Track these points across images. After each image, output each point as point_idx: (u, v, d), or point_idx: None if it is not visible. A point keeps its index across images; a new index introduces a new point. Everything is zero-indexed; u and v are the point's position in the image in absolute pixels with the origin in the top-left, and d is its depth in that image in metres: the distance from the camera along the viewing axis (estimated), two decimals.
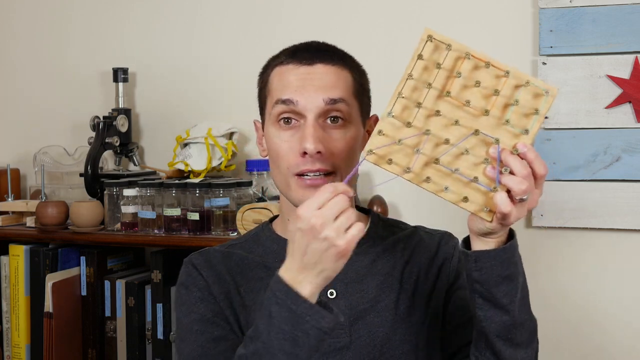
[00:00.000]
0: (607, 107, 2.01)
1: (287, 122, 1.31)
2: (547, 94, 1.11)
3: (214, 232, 2.06)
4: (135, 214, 2.15)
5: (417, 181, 1.12)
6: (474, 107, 1.11)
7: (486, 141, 1.11)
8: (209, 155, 2.18)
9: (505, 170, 1.09)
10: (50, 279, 2.16)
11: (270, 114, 1.33)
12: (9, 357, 2.28)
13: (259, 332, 1.14)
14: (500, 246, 1.16)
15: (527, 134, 1.11)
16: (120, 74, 2.36)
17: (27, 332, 2.25)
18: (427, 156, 1.12)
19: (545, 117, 1.12)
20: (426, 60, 1.13)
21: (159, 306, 2.11)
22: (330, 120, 1.30)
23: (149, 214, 2.13)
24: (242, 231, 2.00)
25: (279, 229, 1.41)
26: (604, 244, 2.05)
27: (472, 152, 1.11)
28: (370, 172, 2.16)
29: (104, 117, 2.31)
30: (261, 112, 1.39)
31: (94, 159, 2.26)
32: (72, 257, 2.24)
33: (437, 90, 1.12)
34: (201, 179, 2.15)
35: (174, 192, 2.11)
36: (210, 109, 2.36)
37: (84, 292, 2.21)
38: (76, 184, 2.35)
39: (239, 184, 2.10)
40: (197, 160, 2.20)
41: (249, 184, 2.13)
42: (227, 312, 1.33)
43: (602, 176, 2.02)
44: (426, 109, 1.12)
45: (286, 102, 1.29)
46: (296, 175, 1.29)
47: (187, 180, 2.14)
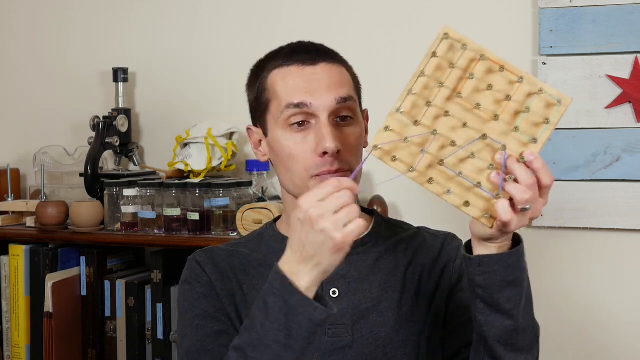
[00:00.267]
0: (607, 107, 2.01)
1: (300, 125, 1.30)
2: (560, 104, 1.09)
3: (214, 232, 2.06)
4: (135, 214, 2.15)
5: (420, 181, 1.11)
6: (484, 111, 1.10)
7: (493, 147, 1.09)
8: (209, 155, 2.18)
9: (510, 177, 1.07)
10: (50, 279, 2.16)
11: (278, 119, 1.32)
12: (9, 357, 2.28)
13: (254, 323, 1.13)
14: (503, 251, 1.14)
15: (536, 142, 1.09)
16: (120, 74, 2.36)
17: (27, 332, 2.25)
18: (433, 156, 1.10)
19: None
20: (440, 58, 1.10)
21: (159, 306, 2.11)
22: (340, 119, 1.31)
23: (149, 214, 2.13)
24: (242, 231, 2.00)
25: (283, 228, 1.41)
26: (604, 244, 2.05)
27: (478, 156, 1.09)
28: (370, 172, 2.15)
29: (104, 117, 2.31)
30: (260, 117, 1.37)
31: (94, 159, 2.26)
32: (72, 257, 2.24)
33: (449, 90, 1.10)
34: (201, 179, 2.15)
35: (174, 192, 2.11)
36: (210, 109, 2.36)
37: (84, 292, 2.21)
38: (76, 184, 2.35)
39: (239, 184, 2.10)
40: (197, 160, 2.20)
41: (249, 184, 2.13)
42: (229, 309, 1.33)
43: (602, 176, 2.02)
44: (436, 108, 1.10)
45: (299, 106, 1.29)
46: (315, 176, 1.29)
47: (187, 180, 2.14)
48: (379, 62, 2.19)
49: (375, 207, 2.05)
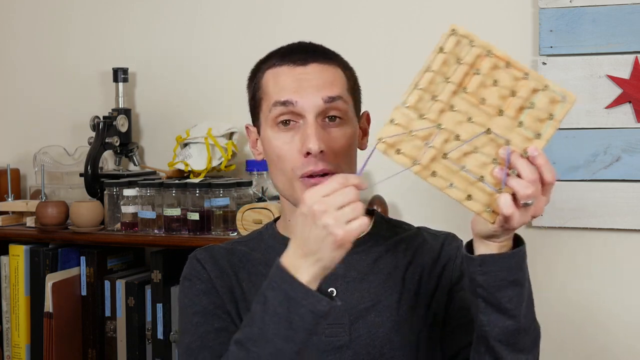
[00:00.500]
0: (607, 107, 2.01)
1: (285, 124, 1.30)
2: (565, 100, 1.09)
3: (214, 232, 2.06)
4: (135, 214, 2.15)
5: (423, 175, 1.11)
6: (489, 106, 1.10)
7: (497, 141, 1.10)
8: (209, 155, 2.18)
9: (512, 172, 1.08)
10: (50, 279, 2.16)
11: (267, 117, 1.32)
12: (9, 357, 2.28)
13: (254, 318, 1.13)
14: (504, 251, 1.14)
15: (540, 138, 1.09)
16: (120, 74, 2.36)
17: (27, 332, 2.25)
18: (437, 150, 1.10)
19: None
20: (447, 54, 1.11)
21: (159, 306, 2.11)
22: (328, 119, 1.30)
23: (149, 214, 2.13)
24: (242, 231, 2.00)
25: (282, 228, 1.42)
26: (604, 244, 2.05)
27: (481, 151, 1.10)
28: (370, 171, 2.15)
29: (104, 117, 2.31)
30: (255, 116, 1.39)
31: (94, 159, 2.26)
32: (72, 257, 2.24)
33: (454, 85, 1.11)
34: (201, 179, 2.15)
35: (174, 192, 2.11)
36: (210, 109, 2.36)
37: (84, 292, 2.21)
38: (76, 184, 2.35)
39: (239, 184, 2.10)
40: (197, 160, 2.20)
41: (249, 184, 2.13)
42: (229, 306, 1.33)
43: (602, 176, 2.02)
44: (441, 102, 1.11)
45: (285, 104, 1.29)
46: (301, 177, 1.29)
47: (187, 180, 2.14)
48: (379, 62, 2.19)
49: (375, 207, 2.05)
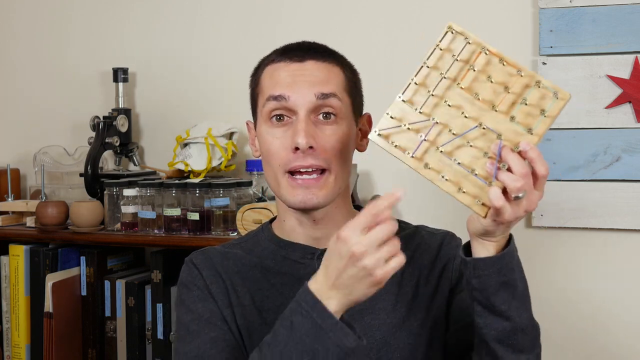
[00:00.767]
0: (607, 107, 2.01)
1: (279, 119, 1.30)
2: (557, 97, 1.11)
3: (214, 232, 2.06)
4: (135, 214, 2.15)
5: (416, 166, 1.13)
6: (482, 101, 1.13)
7: (489, 136, 1.12)
8: (209, 155, 2.18)
9: (503, 166, 1.09)
10: (50, 279, 2.16)
11: (261, 112, 1.32)
12: (9, 357, 2.28)
13: (277, 340, 1.13)
14: (499, 250, 1.15)
15: (531, 133, 1.11)
16: (120, 74, 2.36)
17: (27, 332, 2.25)
18: (430, 143, 1.13)
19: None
20: (444, 50, 1.15)
21: (159, 306, 2.11)
22: (322, 116, 1.29)
23: (149, 214, 2.13)
24: (242, 231, 2.00)
25: (278, 229, 1.40)
26: (604, 244, 2.05)
27: (474, 144, 1.12)
28: (370, 171, 2.16)
29: (104, 117, 2.31)
30: (253, 112, 1.38)
31: (94, 159, 2.26)
32: (72, 257, 2.24)
33: (449, 80, 1.14)
34: (201, 179, 2.15)
35: (174, 192, 2.11)
36: (210, 109, 2.36)
37: (84, 292, 2.21)
38: (76, 184, 2.35)
39: (239, 184, 2.10)
40: (197, 160, 2.20)
41: (249, 184, 2.13)
42: (225, 312, 1.32)
43: (602, 176, 2.02)
44: (436, 97, 1.14)
45: (277, 99, 1.29)
46: (288, 172, 1.28)
47: (187, 180, 2.14)
48: (379, 62, 2.19)
49: None
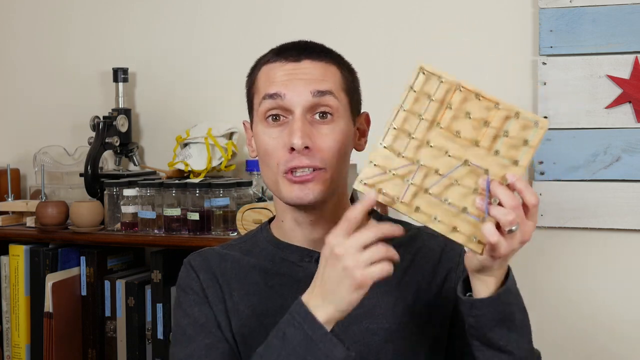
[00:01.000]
0: (607, 107, 2.01)
1: (275, 119, 1.29)
2: (537, 126, 1.11)
3: (214, 232, 2.06)
4: (135, 214, 2.15)
5: (407, 211, 1.13)
6: (464, 138, 1.12)
7: (476, 172, 1.12)
8: (209, 155, 2.18)
9: (494, 201, 1.09)
10: (50, 279, 2.16)
11: (257, 111, 1.31)
12: (9, 357, 2.28)
13: (270, 351, 1.14)
14: (499, 285, 1.15)
15: (517, 165, 1.11)
16: (120, 74, 2.36)
17: (27, 332, 2.25)
18: (418, 186, 1.13)
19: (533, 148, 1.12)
20: (418, 92, 1.14)
21: (159, 306, 2.11)
22: (318, 115, 1.28)
23: (149, 214, 2.13)
24: (242, 231, 2.00)
25: (275, 231, 1.39)
26: (604, 244, 2.05)
27: (462, 182, 1.12)
28: None
29: (104, 117, 2.31)
30: (249, 112, 1.37)
31: (94, 159, 2.26)
32: (72, 257, 2.24)
33: (428, 121, 1.13)
34: (201, 179, 2.15)
35: (174, 192, 2.11)
36: (210, 109, 2.36)
37: (84, 292, 2.21)
38: (76, 184, 2.35)
39: (239, 184, 2.10)
40: (197, 160, 2.20)
41: (249, 184, 2.13)
42: (220, 317, 1.32)
43: (602, 176, 2.02)
44: (417, 139, 1.13)
45: (273, 97, 1.28)
46: (285, 172, 1.27)
47: (187, 180, 2.14)
48: (379, 62, 2.19)
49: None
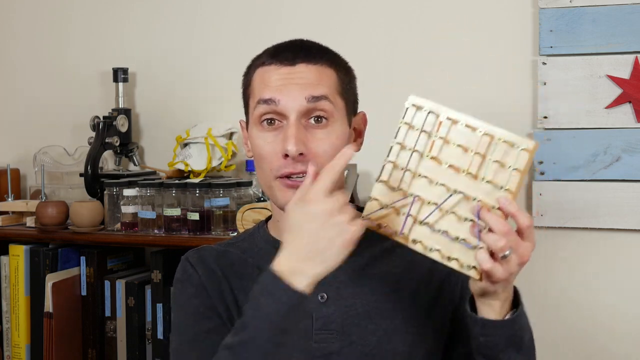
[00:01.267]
0: (607, 107, 2.01)
1: (270, 123, 1.28)
2: (520, 149, 1.12)
3: (214, 232, 2.06)
4: (135, 214, 2.15)
5: (405, 242, 1.16)
6: (454, 168, 1.15)
7: (468, 200, 1.14)
8: (209, 155, 2.18)
9: (485, 227, 1.10)
10: (50, 279, 2.16)
11: (252, 115, 1.31)
12: (9, 357, 2.28)
13: (245, 323, 1.12)
14: (506, 307, 1.16)
15: (506, 189, 1.12)
16: (120, 74, 2.36)
17: (27, 332, 2.25)
18: (413, 218, 1.16)
19: (519, 171, 1.14)
20: (409, 125, 1.17)
21: (159, 306, 2.11)
22: (313, 119, 1.27)
23: (149, 214, 2.13)
24: (241, 231, 2.00)
25: (272, 229, 1.39)
26: (604, 244, 2.05)
27: (455, 211, 1.14)
28: (369, 171, 2.15)
29: (104, 117, 2.31)
30: (246, 112, 1.37)
31: (94, 159, 2.26)
32: (72, 257, 2.24)
33: (419, 153, 1.16)
34: (201, 179, 2.15)
35: (174, 192, 2.11)
36: (210, 109, 2.36)
37: (84, 292, 2.21)
38: (76, 184, 2.35)
39: (239, 184, 2.10)
40: (197, 160, 2.20)
41: (249, 184, 2.13)
42: (220, 308, 1.32)
43: (602, 176, 2.02)
44: (410, 172, 1.16)
45: (267, 102, 1.27)
46: (278, 177, 1.27)
47: (187, 180, 2.14)
48: (379, 62, 2.19)
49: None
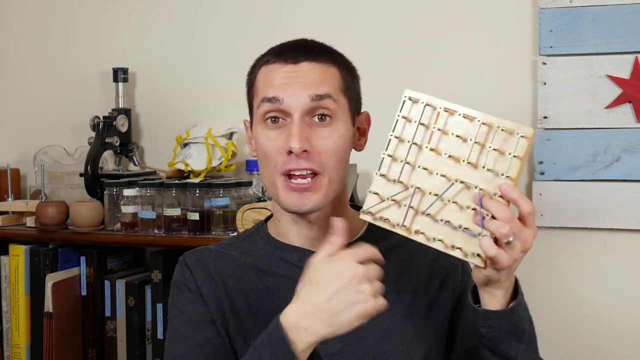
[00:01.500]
0: (607, 107, 2.01)
1: (274, 121, 1.29)
2: (519, 135, 1.13)
3: (214, 232, 2.06)
4: (135, 214, 2.15)
5: (407, 234, 1.17)
6: (452, 157, 1.16)
7: (468, 188, 1.14)
8: (209, 155, 2.18)
9: (488, 215, 1.11)
10: (50, 279, 2.16)
11: (256, 113, 1.31)
12: (9, 357, 2.28)
13: None
14: (507, 297, 1.17)
15: (507, 176, 1.13)
16: (120, 74, 2.36)
17: (27, 332, 2.25)
18: (415, 209, 1.16)
19: (518, 157, 1.14)
20: (406, 118, 1.18)
21: (159, 306, 2.11)
22: (317, 118, 1.28)
23: (149, 214, 2.13)
24: (241, 231, 1.99)
25: (272, 230, 1.39)
26: (604, 244, 2.05)
27: (456, 200, 1.15)
28: (369, 171, 2.15)
29: (104, 117, 2.31)
30: (250, 111, 1.37)
31: (94, 159, 2.26)
32: (72, 257, 2.24)
33: (417, 145, 1.17)
34: (201, 179, 2.15)
35: (174, 192, 2.11)
36: (210, 109, 2.36)
37: (84, 292, 2.21)
38: (76, 184, 2.35)
39: (239, 184, 2.10)
40: (197, 160, 2.20)
41: (249, 184, 2.13)
42: (216, 315, 1.31)
43: (602, 176, 2.02)
44: (409, 164, 1.17)
45: (271, 101, 1.28)
46: (282, 174, 1.27)
47: (187, 180, 2.14)
48: (379, 62, 2.19)
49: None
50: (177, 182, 2.13)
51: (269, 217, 1.43)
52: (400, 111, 1.18)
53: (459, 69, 2.13)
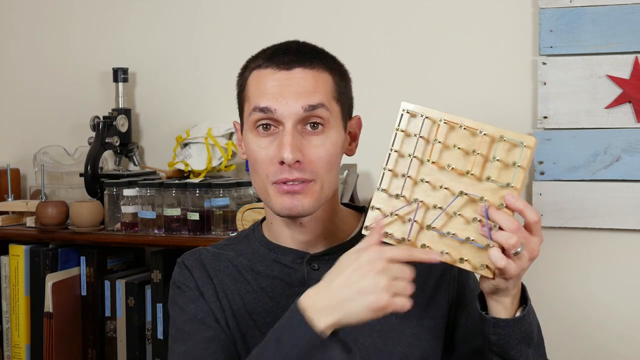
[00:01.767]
0: (607, 107, 2.01)
1: (265, 129, 1.28)
2: (523, 145, 1.12)
3: (214, 232, 2.06)
4: (135, 214, 2.15)
5: (415, 247, 1.16)
6: (455, 170, 1.15)
7: (473, 200, 1.14)
8: (209, 155, 2.18)
9: (495, 226, 1.11)
10: (50, 279, 2.16)
11: (247, 120, 1.30)
12: (9, 357, 2.28)
13: (264, 354, 1.12)
14: (515, 304, 1.18)
15: (511, 187, 1.13)
16: (120, 74, 2.36)
17: (27, 332, 2.25)
18: (420, 224, 1.16)
19: (521, 167, 1.14)
20: (405, 132, 1.17)
21: (159, 306, 2.11)
22: (310, 126, 1.27)
23: (149, 214, 2.13)
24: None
25: (266, 231, 1.39)
26: (604, 244, 2.05)
27: (462, 213, 1.15)
28: (369, 172, 2.16)
29: (104, 117, 2.31)
30: (240, 114, 1.36)
31: (94, 159, 2.26)
32: (72, 257, 2.24)
33: (418, 159, 1.17)
34: (201, 179, 2.15)
35: (174, 192, 2.11)
36: (210, 109, 2.36)
37: (84, 292, 2.21)
38: (76, 184, 2.35)
39: (239, 184, 2.10)
40: (197, 160, 2.20)
41: (249, 184, 2.13)
42: (218, 314, 1.32)
43: (602, 176, 2.02)
44: (411, 178, 1.16)
45: (264, 110, 1.26)
46: (274, 183, 1.27)
47: (187, 180, 2.14)
48: (379, 62, 2.19)
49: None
50: (177, 182, 2.13)
51: (264, 219, 1.43)
52: (398, 125, 1.17)
53: (459, 69, 2.13)
